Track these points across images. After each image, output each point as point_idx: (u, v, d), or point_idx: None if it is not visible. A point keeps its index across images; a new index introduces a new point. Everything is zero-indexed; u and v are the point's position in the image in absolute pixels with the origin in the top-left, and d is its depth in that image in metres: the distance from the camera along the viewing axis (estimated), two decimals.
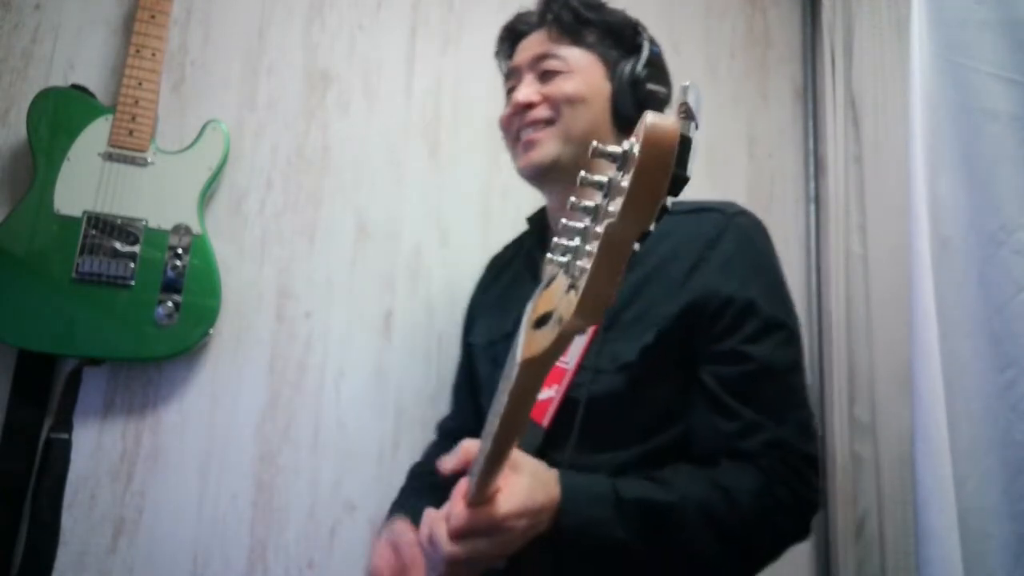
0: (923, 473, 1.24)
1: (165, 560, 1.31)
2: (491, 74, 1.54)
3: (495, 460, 0.68)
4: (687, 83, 0.44)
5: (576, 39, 1.08)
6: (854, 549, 1.67)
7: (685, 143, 0.41)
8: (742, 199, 1.86)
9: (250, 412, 1.41)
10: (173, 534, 1.32)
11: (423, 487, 1.18)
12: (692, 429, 0.94)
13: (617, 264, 0.44)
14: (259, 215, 1.47)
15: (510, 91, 1.14)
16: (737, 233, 0.98)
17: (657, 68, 1.10)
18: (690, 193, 1.45)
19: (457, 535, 0.73)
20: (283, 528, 1.38)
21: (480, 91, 1.65)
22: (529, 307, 0.60)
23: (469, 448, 0.79)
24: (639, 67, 1.07)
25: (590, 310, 0.46)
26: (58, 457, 1.26)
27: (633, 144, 0.41)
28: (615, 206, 0.42)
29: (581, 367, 0.96)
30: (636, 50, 1.09)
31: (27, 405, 1.27)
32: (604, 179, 0.44)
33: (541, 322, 0.57)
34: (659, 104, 1.09)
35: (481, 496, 0.72)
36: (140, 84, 1.33)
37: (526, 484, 0.76)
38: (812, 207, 1.92)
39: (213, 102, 1.47)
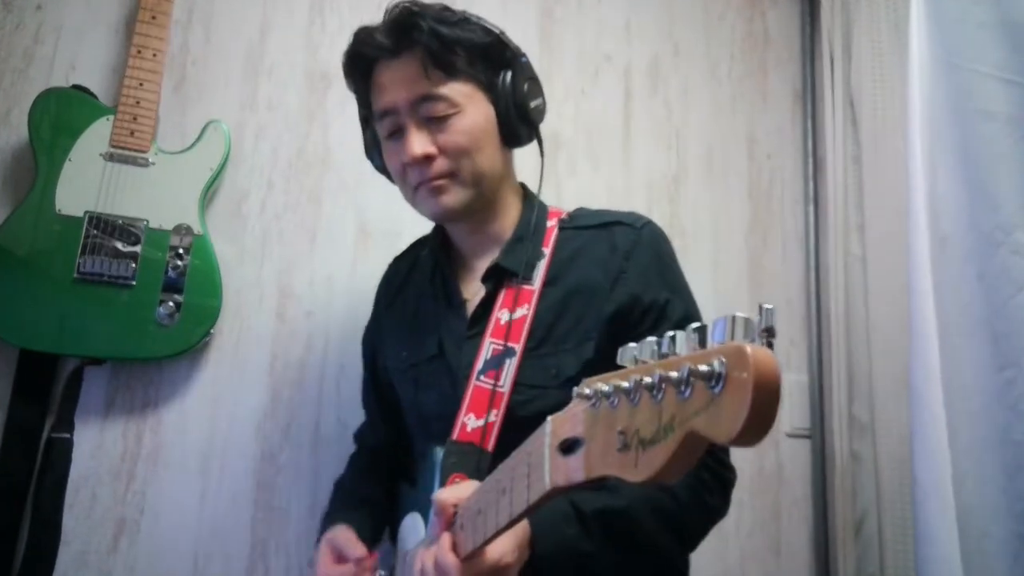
0: (922, 472, 1.24)
1: (166, 559, 1.31)
2: None
3: (501, 531, 0.70)
4: (769, 306, 0.42)
5: (449, 70, 1.02)
6: (853, 548, 1.67)
7: None
8: (742, 199, 1.88)
9: (251, 411, 1.41)
10: (174, 533, 1.32)
11: (356, 505, 1.18)
12: None
13: (690, 461, 0.45)
14: (260, 215, 1.48)
15: (392, 134, 1.06)
16: (648, 244, 1.05)
17: (532, 80, 1.08)
18: (691, 192, 1.44)
19: None
20: (284, 527, 1.38)
21: None
22: (548, 427, 0.60)
23: (446, 505, 0.80)
24: (519, 85, 1.05)
25: (649, 482, 0.46)
26: (59, 457, 1.27)
27: (724, 367, 0.40)
28: (702, 410, 0.42)
29: (518, 385, 0.99)
30: (505, 64, 1.06)
31: (29, 405, 1.27)
32: (682, 375, 0.44)
33: (567, 448, 0.56)
34: (541, 116, 1.09)
35: (476, 552, 0.75)
36: (141, 84, 1.33)
37: None
38: (811, 207, 1.93)
39: (214, 102, 1.47)
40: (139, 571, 1.30)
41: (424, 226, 1.57)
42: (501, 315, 1.03)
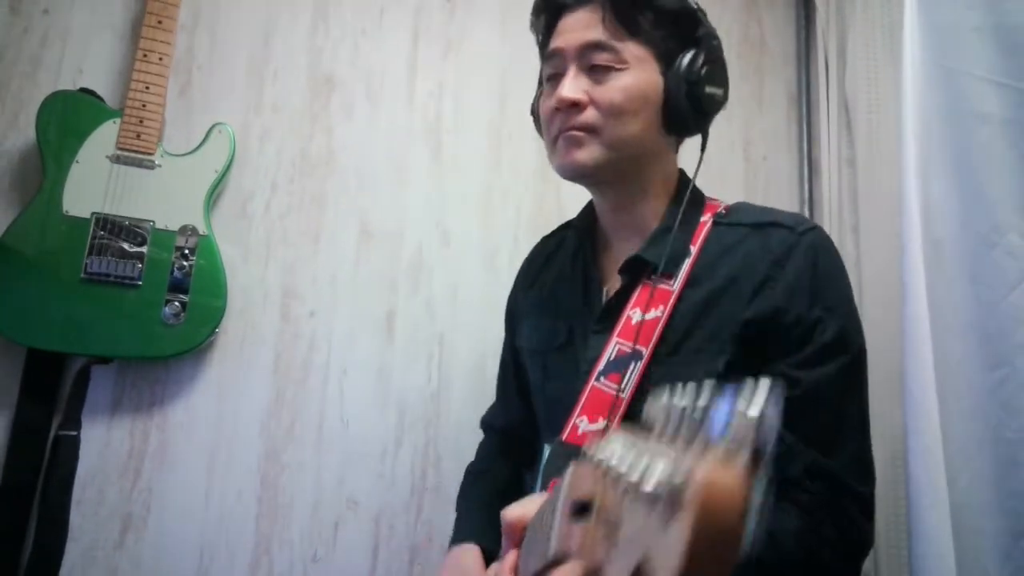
0: (915, 470, 1.25)
1: (172, 555, 1.33)
2: (492, 78, 1.56)
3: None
4: (757, 408, 0.33)
5: (631, 26, 0.95)
6: None
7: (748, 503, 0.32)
8: (737, 200, 1.89)
9: (255, 410, 1.43)
10: (180, 530, 1.34)
11: (485, 498, 1.13)
12: None
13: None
14: (264, 216, 1.50)
15: (552, 77, 1.00)
16: (805, 253, 0.92)
17: (717, 65, 0.98)
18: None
19: None
20: (287, 524, 1.40)
21: (481, 95, 1.68)
22: (567, 479, 0.53)
23: (514, 525, 0.74)
24: (698, 65, 0.95)
25: None
26: (67, 454, 1.28)
27: (675, 488, 0.32)
28: (655, 534, 0.33)
29: (640, 392, 0.90)
30: (693, 41, 0.97)
31: (36, 403, 1.29)
32: (632, 488, 0.35)
33: (580, 509, 0.47)
34: (716, 107, 0.99)
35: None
36: (147, 88, 1.35)
37: None
38: (806, 209, 1.94)
39: (219, 106, 1.49)
40: (145, 567, 1.32)
41: (424, 227, 1.60)
42: (633, 314, 0.94)
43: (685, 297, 0.94)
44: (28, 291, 1.26)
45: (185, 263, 1.34)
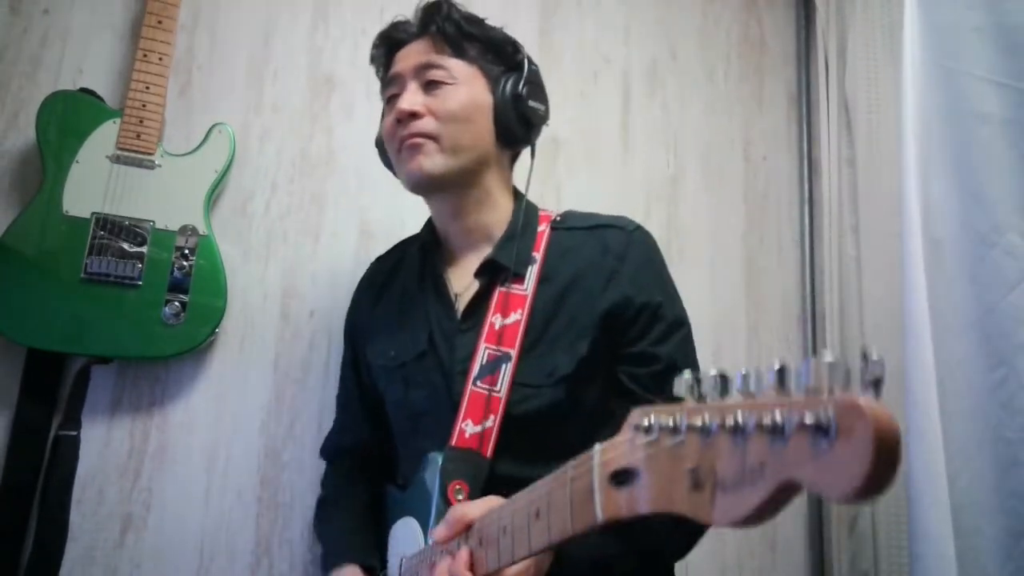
0: (916, 470, 1.26)
1: (172, 555, 1.33)
2: None
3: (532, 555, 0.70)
4: (876, 357, 0.39)
5: (458, 51, 1.10)
6: (848, 544, 1.69)
7: None
8: (738, 201, 1.90)
9: (255, 409, 1.43)
10: (180, 529, 1.34)
11: (350, 522, 1.18)
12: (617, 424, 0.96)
13: (779, 508, 0.42)
14: (264, 216, 1.50)
15: (390, 99, 1.13)
16: (640, 247, 1.09)
17: (536, 85, 1.14)
18: (689, 194, 1.45)
19: None
20: (288, 523, 1.40)
21: None
22: (597, 457, 0.58)
23: (461, 519, 0.81)
24: (520, 83, 1.11)
25: (728, 526, 0.44)
26: (67, 454, 1.28)
27: (834, 421, 0.38)
28: (805, 461, 0.39)
29: (515, 385, 1.01)
30: (516, 67, 1.13)
31: (36, 403, 1.29)
32: (782, 423, 0.41)
33: (619, 478, 0.54)
34: (539, 120, 1.14)
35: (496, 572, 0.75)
36: (147, 88, 1.35)
37: None
38: (806, 209, 1.95)
39: (219, 106, 1.49)
40: (145, 567, 1.31)
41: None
42: (495, 320, 1.04)
43: (539, 296, 1.06)
44: (28, 291, 1.25)
45: (185, 263, 1.34)
